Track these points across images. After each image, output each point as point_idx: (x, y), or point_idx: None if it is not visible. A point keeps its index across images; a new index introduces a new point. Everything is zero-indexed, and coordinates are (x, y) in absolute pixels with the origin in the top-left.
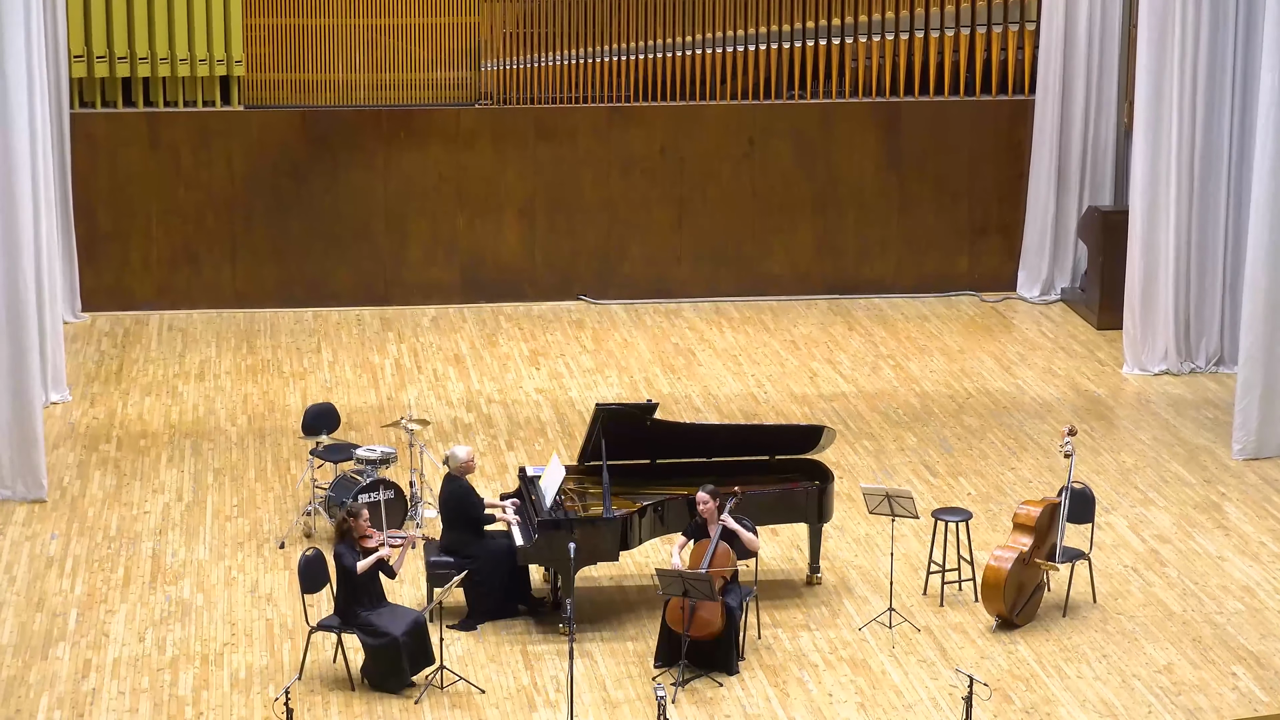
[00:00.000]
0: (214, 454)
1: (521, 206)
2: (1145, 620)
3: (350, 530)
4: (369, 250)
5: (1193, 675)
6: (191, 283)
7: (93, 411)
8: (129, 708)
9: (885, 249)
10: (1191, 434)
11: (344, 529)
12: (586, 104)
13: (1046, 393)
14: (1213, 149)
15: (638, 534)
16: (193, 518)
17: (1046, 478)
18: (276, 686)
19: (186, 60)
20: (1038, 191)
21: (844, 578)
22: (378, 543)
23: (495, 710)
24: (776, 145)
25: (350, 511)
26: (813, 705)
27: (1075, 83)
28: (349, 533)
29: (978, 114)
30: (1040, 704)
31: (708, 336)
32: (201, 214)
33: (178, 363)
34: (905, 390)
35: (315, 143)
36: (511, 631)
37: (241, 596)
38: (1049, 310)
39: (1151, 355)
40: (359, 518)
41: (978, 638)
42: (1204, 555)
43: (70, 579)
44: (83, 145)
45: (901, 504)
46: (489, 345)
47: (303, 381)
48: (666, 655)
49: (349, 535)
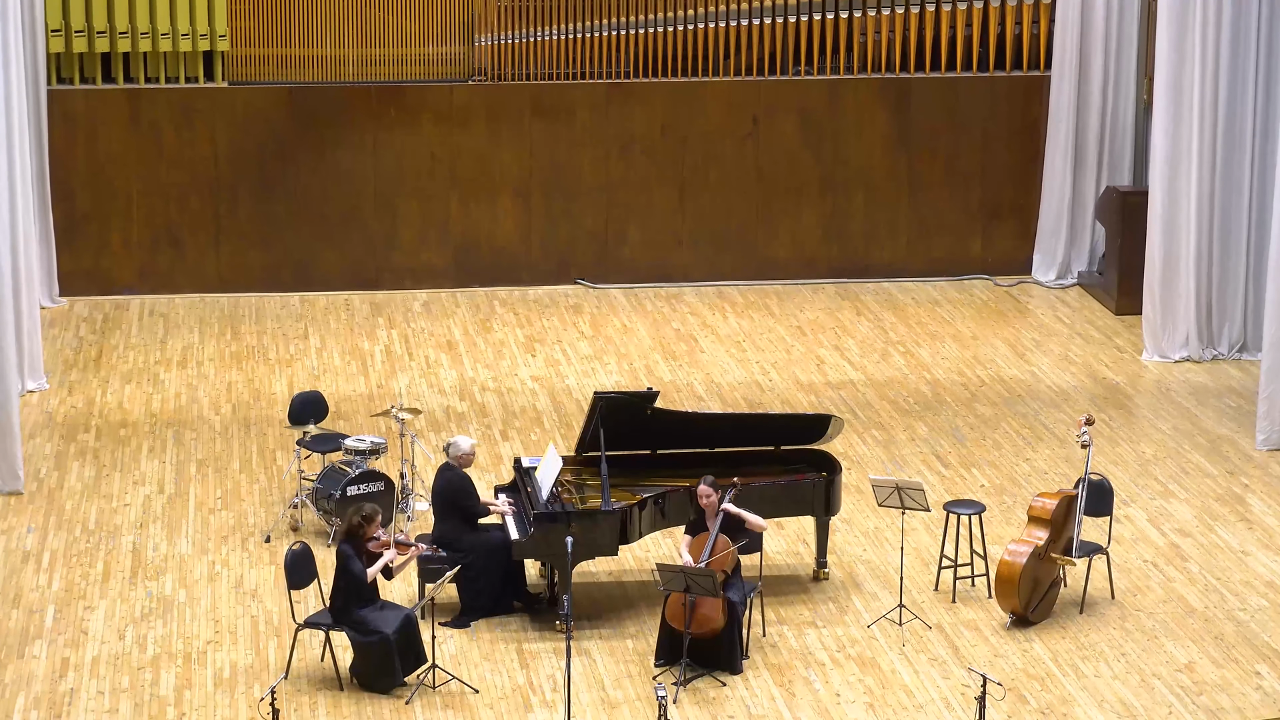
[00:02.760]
0: (197, 444)
1: (517, 187)
2: (1165, 617)
3: (361, 535)
4: (358, 233)
5: (1215, 674)
6: (174, 266)
7: (71, 400)
8: (108, 708)
9: (895, 231)
10: (1213, 423)
11: (356, 532)
12: (584, 80)
13: (1063, 380)
14: (1236, 126)
15: (637, 527)
16: (175, 510)
17: (1063, 469)
18: (262, 686)
19: (168, 35)
20: (1053, 171)
21: (852, 573)
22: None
23: (489, 711)
24: (782, 123)
25: (366, 516)
26: (819, 705)
27: (1092, 58)
28: (359, 537)
29: (991, 91)
30: (1056, 704)
31: (710, 322)
32: (184, 195)
33: (159, 349)
34: (916, 378)
35: (302, 121)
36: (506, 629)
37: (226, 592)
38: (1065, 295)
39: (1172, 341)
40: (372, 524)
41: (991, 635)
42: (1226, 549)
43: (47, 574)
44: (60, 123)
45: (912, 496)
46: (483, 331)
47: (289, 369)
48: (667, 653)
49: (359, 538)
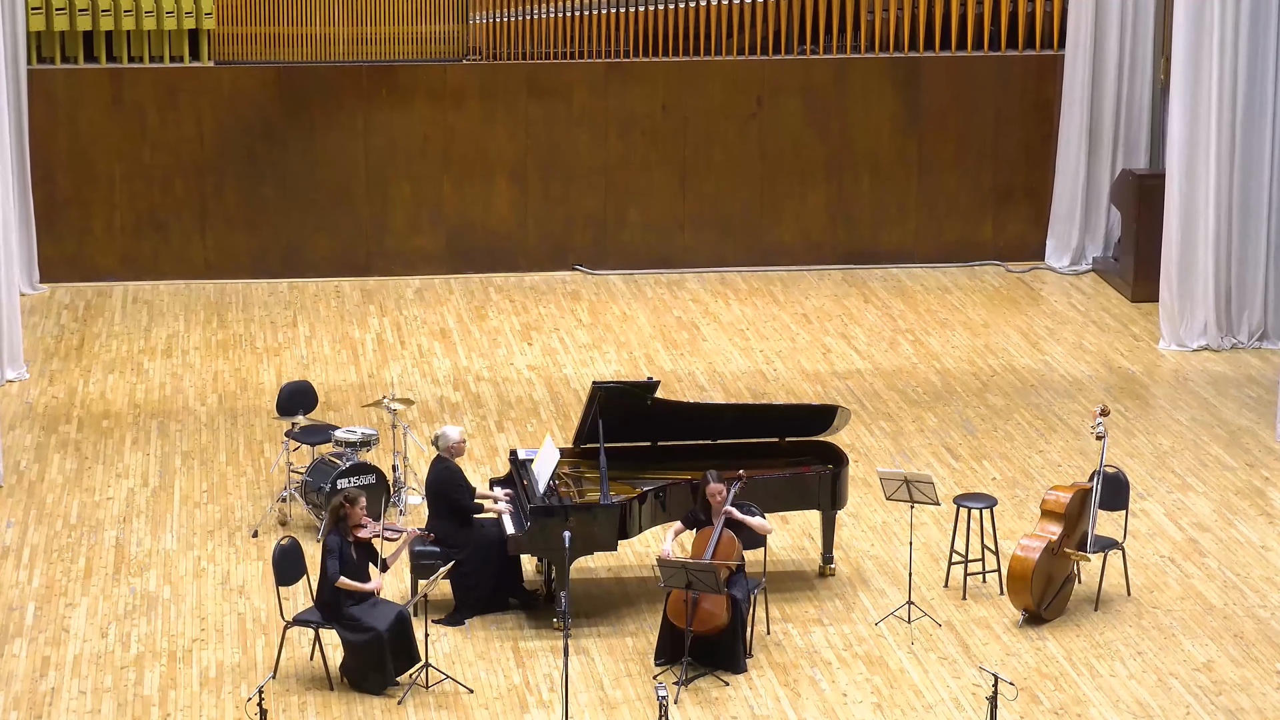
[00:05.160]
0: (182, 436)
1: (512, 170)
2: (1183, 614)
3: (345, 517)
4: (349, 217)
5: (1234, 674)
6: (158, 252)
7: (51, 390)
8: (90, 708)
9: (903, 215)
10: (1233, 414)
11: (339, 514)
12: (582, 59)
13: (1077, 370)
14: (1256, 106)
15: (637, 522)
16: (159, 504)
17: (1077, 461)
18: (249, 685)
19: (153, 12)
20: (1067, 153)
21: (859, 569)
22: (372, 533)
23: (484, 711)
24: (787, 104)
25: (348, 497)
26: (826, 706)
27: (1108, 36)
28: (343, 519)
29: (1003, 70)
30: (1070, 704)
31: (713, 309)
32: (169, 178)
33: (143, 338)
34: (925, 367)
35: (291, 101)
36: (502, 627)
37: (212, 589)
38: (1079, 281)
39: (1190, 329)
40: (356, 504)
41: (1003, 633)
42: (1246, 544)
43: (27, 570)
44: (41, 104)
45: (921, 489)
46: (478, 319)
47: (277, 358)
48: (668, 652)
49: (342, 522)
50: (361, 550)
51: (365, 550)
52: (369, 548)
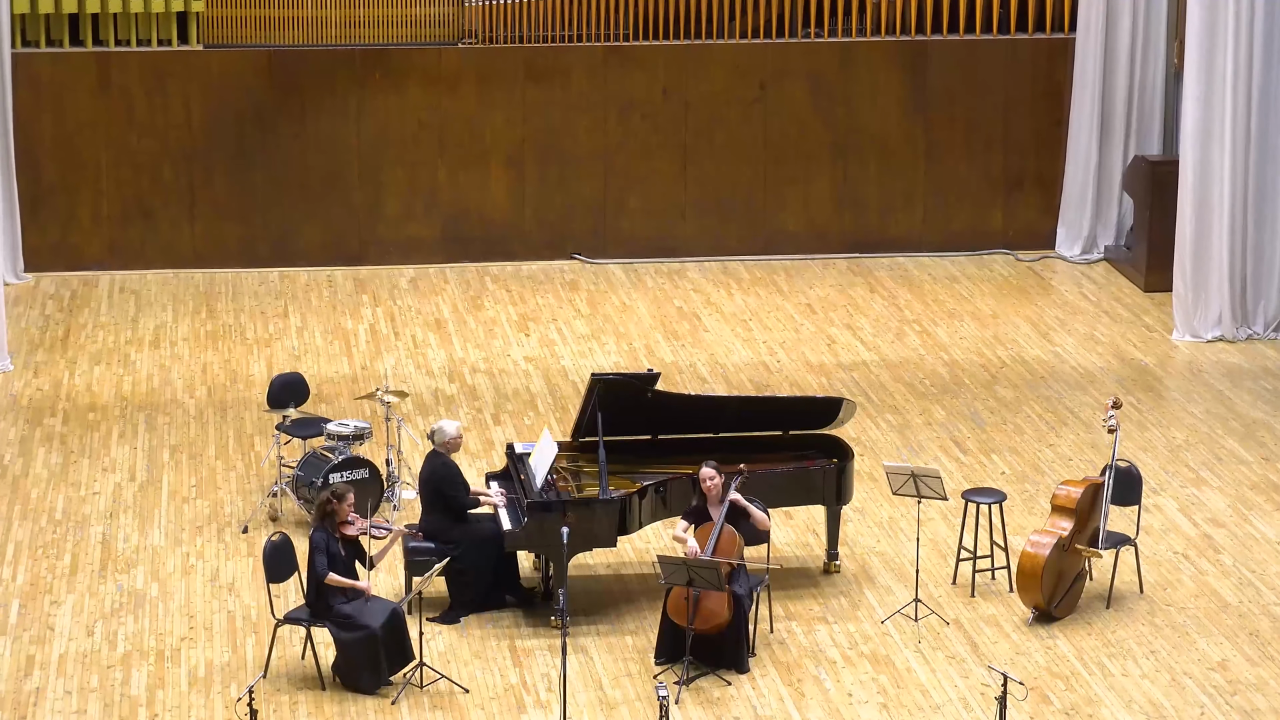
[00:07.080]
0: (170, 429)
1: (509, 156)
2: (1197, 612)
3: (333, 514)
4: (341, 205)
5: (1250, 673)
6: (146, 240)
7: (36, 382)
8: (76, 708)
9: (910, 203)
10: (1248, 407)
11: (326, 510)
12: (581, 43)
13: (1088, 361)
14: (1271, 92)
15: (637, 517)
16: (147, 499)
17: (1088, 455)
18: (239, 685)
19: None
20: (1079, 140)
21: (865, 565)
22: (359, 530)
23: (480, 711)
24: (791, 88)
25: (335, 493)
26: (830, 706)
27: (1120, 19)
28: (330, 516)
29: (1013, 54)
30: (1081, 704)
31: (714, 299)
32: (157, 165)
33: (130, 328)
34: (933, 359)
35: (282, 86)
36: (498, 625)
37: (201, 586)
38: (1091, 270)
39: (1204, 320)
40: (344, 501)
41: (1012, 631)
42: (1262, 541)
43: (11, 567)
44: (25, 89)
45: (928, 484)
46: (473, 309)
47: (268, 349)
48: (669, 651)
49: (330, 519)
50: (349, 547)
51: (353, 547)
52: (357, 544)
